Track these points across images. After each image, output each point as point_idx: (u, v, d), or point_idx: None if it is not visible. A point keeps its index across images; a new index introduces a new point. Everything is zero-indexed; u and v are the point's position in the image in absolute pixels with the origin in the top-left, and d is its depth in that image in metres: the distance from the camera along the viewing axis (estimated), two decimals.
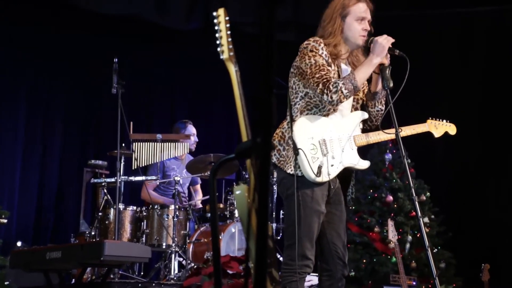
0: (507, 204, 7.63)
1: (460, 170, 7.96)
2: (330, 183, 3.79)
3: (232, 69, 2.76)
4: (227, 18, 2.77)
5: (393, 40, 3.77)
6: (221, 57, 2.82)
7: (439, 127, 4.26)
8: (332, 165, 3.75)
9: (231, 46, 2.75)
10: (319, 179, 3.69)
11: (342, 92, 3.65)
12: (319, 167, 3.69)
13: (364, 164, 3.89)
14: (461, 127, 4.36)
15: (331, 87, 3.63)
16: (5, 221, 5.49)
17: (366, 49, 3.86)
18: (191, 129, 6.72)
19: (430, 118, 4.23)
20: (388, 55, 3.81)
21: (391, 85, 3.79)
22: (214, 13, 2.83)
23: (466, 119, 7.43)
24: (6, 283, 5.13)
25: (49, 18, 7.38)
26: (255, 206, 1.75)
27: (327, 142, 3.77)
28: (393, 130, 3.84)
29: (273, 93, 1.73)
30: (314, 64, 3.71)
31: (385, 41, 3.75)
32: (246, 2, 7.03)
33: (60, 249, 4.91)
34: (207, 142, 7.52)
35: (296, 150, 3.68)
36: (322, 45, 3.76)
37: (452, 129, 4.30)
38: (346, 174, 3.89)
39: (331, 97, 3.65)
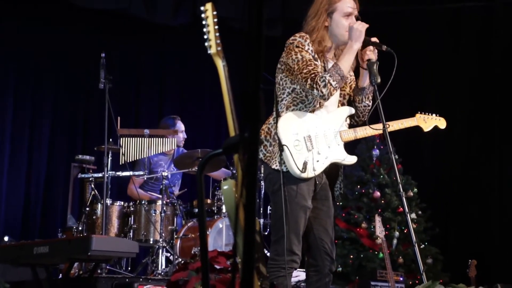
0: (495, 200, 7.67)
1: (448, 166, 7.98)
2: (317, 178, 3.79)
3: (220, 64, 2.75)
4: (214, 13, 2.76)
5: (367, 26, 3.76)
6: (209, 51, 2.82)
7: (428, 121, 4.24)
8: (317, 161, 3.75)
9: (218, 41, 2.74)
10: (304, 175, 3.69)
11: (331, 84, 3.65)
12: (304, 163, 3.69)
13: (351, 160, 3.89)
14: (449, 123, 4.36)
15: (319, 81, 3.63)
16: None
17: None
18: (180, 126, 6.69)
19: (419, 112, 4.22)
20: (376, 51, 3.81)
21: (379, 80, 3.79)
22: (202, 8, 2.82)
23: (455, 115, 7.46)
24: None
25: (36, 13, 7.34)
26: (243, 201, 1.75)
27: (312, 137, 3.77)
28: (380, 125, 3.84)
29: (261, 88, 1.73)
30: (301, 60, 3.70)
31: (360, 26, 3.74)
32: None
33: (47, 244, 4.91)
34: (195, 138, 7.51)
35: (280, 146, 3.68)
36: (308, 40, 3.76)
37: (441, 123, 4.28)
38: (334, 169, 3.89)
39: (322, 92, 3.64)
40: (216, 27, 2.72)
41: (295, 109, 3.79)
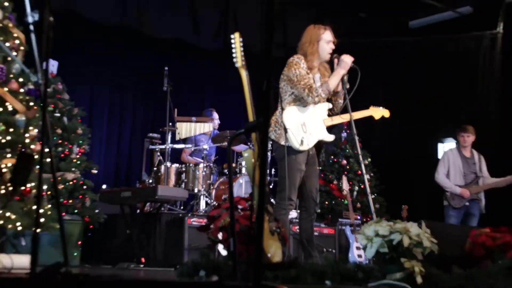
0: (421, 168, 7.58)
1: (390, 144, 7.88)
2: (309, 151, 3.77)
3: (244, 73, 2.72)
4: (241, 39, 2.72)
5: (353, 59, 3.75)
6: (236, 65, 2.78)
7: (378, 112, 4.20)
8: (309, 139, 3.73)
9: (243, 58, 2.70)
10: (301, 148, 3.68)
11: (321, 96, 3.68)
12: (302, 140, 3.68)
13: (331, 138, 3.87)
14: (392, 114, 4.30)
15: (314, 93, 3.63)
16: (96, 171, 5.49)
17: (330, 61, 3.86)
18: (215, 115, 6.67)
19: (372, 105, 4.18)
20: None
21: (348, 86, 3.79)
22: (232, 35, 2.78)
23: (397, 108, 7.31)
24: (96, 211, 5.15)
25: (121, 40, 7.22)
26: (258, 164, 1.71)
27: (306, 124, 3.75)
28: (347, 115, 3.82)
29: (271, 89, 1.70)
30: (299, 74, 3.67)
31: (349, 60, 3.75)
32: (252, 28, 6.93)
33: (130, 190, 4.95)
34: (224, 123, 7.45)
35: (285, 130, 3.67)
36: (303, 60, 3.74)
37: (386, 113, 4.24)
38: (319, 145, 3.87)
39: (314, 100, 3.67)
40: (242, 48, 2.68)
41: (294, 105, 3.76)
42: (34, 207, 3.78)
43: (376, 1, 7.47)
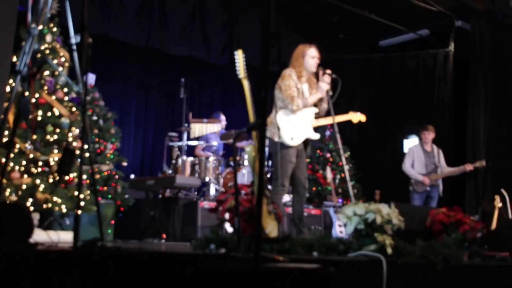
0: (390, 160, 7.58)
1: (364, 142, 7.88)
2: (298, 146, 3.76)
3: (245, 83, 2.70)
4: (243, 55, 2.71)
5: (329, 87, 3.76)
6: (239, 77, 2.77)
7: (356, 117, 4.19)
8: (298, 137, 3.72)
9: (245, 70, 2.68)
10: (292, 144, 3.66)
11: (299, 107, 3.69)
12: (292, 137, 3.68)
13: (316, 136, 3.87)
14: (368, 115, 4.31)
15: (294, 102, 3.64)
16: (126, 164, 5.48)
17: (316, 74, 3.84)
18: (222, 117, 6.62)
19: (351, 111, 4.17)
20: (329, 77, 3.77)
21: (330, 93, 3.77)
22: (235, 52, 2.77)
23: (369, 113, 7.30)
24: (126, 196, 5.13)
25: (146, 57, 7.18)
26: (258, 157, 1.70)
27: (296, 124, 3.74)
28: (331, 118, 3.81)
29: (267, 96, 1.69)
30: (288, 85, 3.69)
31: (326, 87, 3.76)
32: (253, 46, 6.89)
33: (153, 179, 4.91)
34: (230, 124, 7.42)
35: (278, 129, 3.67)
36: (293, 72, 3.74)
37: (363, 118, 4.23)
38: (305, 141, 3.86)
39: (293, 108, 3.67)
40: (244, 62, 2.67)
41: (285, 109, 3.75)
42: (76, 193, 3.80)
43: (353, 25, 7.52)
